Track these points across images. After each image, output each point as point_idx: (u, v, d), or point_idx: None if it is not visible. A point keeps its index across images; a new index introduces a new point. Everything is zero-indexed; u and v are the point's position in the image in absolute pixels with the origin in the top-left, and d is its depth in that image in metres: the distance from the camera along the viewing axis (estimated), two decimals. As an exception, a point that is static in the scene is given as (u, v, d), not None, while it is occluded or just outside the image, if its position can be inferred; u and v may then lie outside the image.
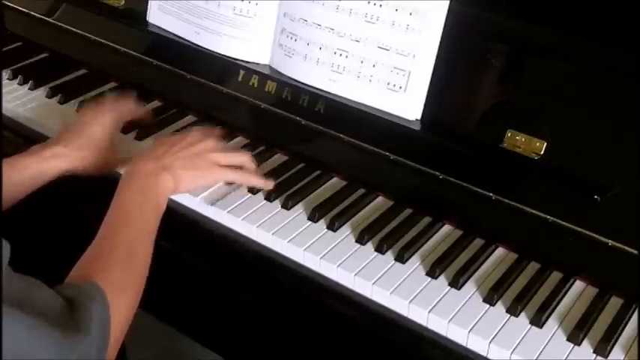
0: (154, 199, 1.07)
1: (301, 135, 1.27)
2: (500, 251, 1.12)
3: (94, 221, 1.02)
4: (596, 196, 1.03)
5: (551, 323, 1.00)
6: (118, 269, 0.95)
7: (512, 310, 1.01)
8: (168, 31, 1.42)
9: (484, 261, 1.10)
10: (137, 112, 1.32)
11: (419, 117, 1.17)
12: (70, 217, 1.35)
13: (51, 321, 0.81)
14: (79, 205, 1.29)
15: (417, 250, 1.11)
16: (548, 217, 1.05)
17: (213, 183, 1.18)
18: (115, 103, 1.29)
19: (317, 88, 1.25)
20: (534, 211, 1.06)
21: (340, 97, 1.23)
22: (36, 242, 1.38)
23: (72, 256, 0.98)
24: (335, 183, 1.25)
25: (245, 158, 1.20)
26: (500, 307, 1.02)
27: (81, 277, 0.93)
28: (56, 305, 0.84)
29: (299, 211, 1.18)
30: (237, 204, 1.18)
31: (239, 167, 1.19)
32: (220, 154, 1.16)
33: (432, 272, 1.06)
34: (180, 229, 1.11)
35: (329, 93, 1.24)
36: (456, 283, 1.04)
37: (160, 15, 1.44)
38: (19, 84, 1.51)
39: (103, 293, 0.89)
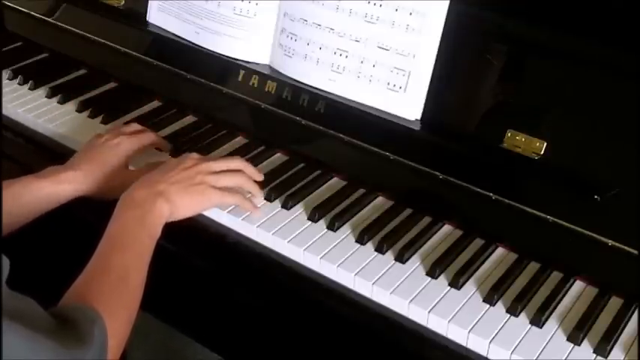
0: (148, 227, 1.05)
1: (301, 135, 1.27)
2: (500, 251, 1.12)
3: (93, 227, 1.02)
4: (596, 196, 1.03)
5: (551, 323, 1.00)
6: (111, 296, 0.94)
7: (512, 310, 1.01)
8: (168, 31, 1.42)
9: (484, 261, 1.10)
10: (156, 144, 1.29)
11: (419, 117, 1.17)
12: (69, 223, 1.35)
13: (49, 334, 0.80)
14: (80, 211, 1.29)
15: (417, 250, 1.11)
16: (549, 217, 1.05)
17: (211, 207, 1.16)
18: (136, 134, 1.26)
19: (317, 88, 1.25)
20: (534, 211, 1.06)
21: (340, 97, 1.23)
22: (32, 253, 1.37)
23: (68, 267, 0.98)
24: (335, 183, 1.25)
25: (243, 179, 1.17)
26: (500, 307, 1.02)
27: (76, 302, 0.92)
28: (50, 322, 0.84)
29: (299, 211, 1.18)
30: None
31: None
32: (217, 177, 1.14)
33: (432, 272, 1.06)
34: (180, 229, 1.11)
35: (329, 93, 1.24)
36: (456, 283, 1.04)
37: (160, 15, 1.44)
38: (19, 84, 1.51)
39: (101, 318, 0.89)
